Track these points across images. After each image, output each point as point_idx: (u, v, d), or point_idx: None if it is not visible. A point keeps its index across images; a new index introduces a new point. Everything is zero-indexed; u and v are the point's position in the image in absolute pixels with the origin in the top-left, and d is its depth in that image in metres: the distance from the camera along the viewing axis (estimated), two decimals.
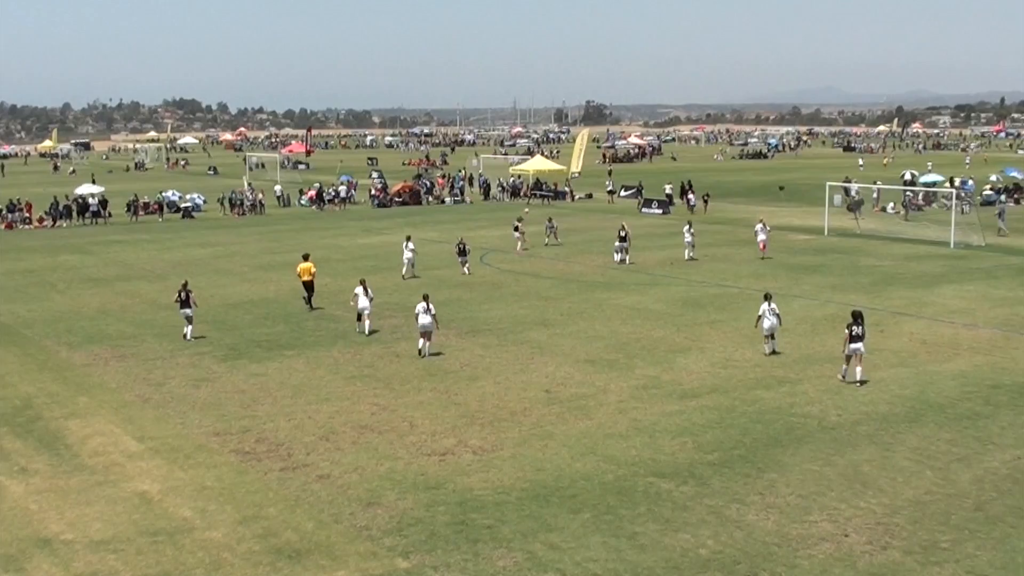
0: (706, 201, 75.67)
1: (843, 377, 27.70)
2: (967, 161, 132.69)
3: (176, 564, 17.02)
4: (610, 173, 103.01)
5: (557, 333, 34.05)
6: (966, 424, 24.00)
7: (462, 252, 47.81)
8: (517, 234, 55.62)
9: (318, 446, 22.91)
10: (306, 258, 39.54)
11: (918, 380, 27.79)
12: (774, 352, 30.80)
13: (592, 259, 51.36)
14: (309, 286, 38.87)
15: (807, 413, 24.90)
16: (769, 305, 30.63)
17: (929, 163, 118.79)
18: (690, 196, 76.58)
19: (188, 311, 34.07)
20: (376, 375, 29.00)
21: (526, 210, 60.98)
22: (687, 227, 52.32)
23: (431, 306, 31.02)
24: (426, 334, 31.12)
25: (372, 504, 19.44)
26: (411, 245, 46.45)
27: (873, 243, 56.61)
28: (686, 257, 50.81)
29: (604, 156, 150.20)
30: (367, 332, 34.13)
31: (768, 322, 30.56)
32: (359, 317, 34.63)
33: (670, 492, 19.91)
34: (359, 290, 34.45)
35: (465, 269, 46.97)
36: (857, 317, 27.58)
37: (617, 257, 49.90)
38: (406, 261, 46.26)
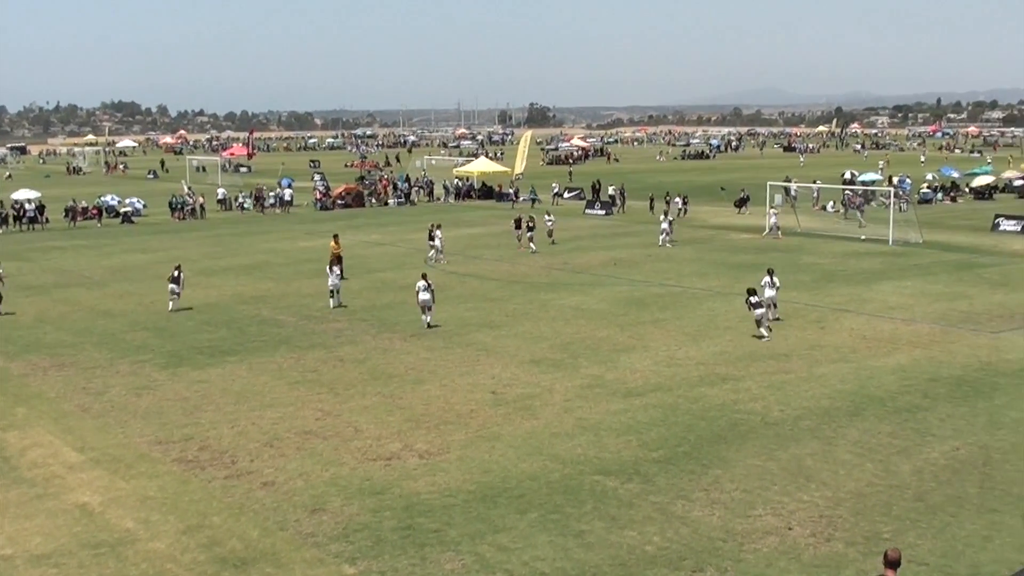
0: (686, 203, 73.92)
1: (763, 336, 32.59)
2: (922, 159, 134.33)
3: None
4: (570, 175, 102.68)
5: (502, 334, 34.07)
6: (906, 417, 24.34)
7: (519, 226, 54.72)
8: (518, 231, 55.92)
9: (262, 453, 22.73)
10: (335, 238, 46.15)
11: (858, 375, 28.13)
12: (776, 319, 34.70)
13: (536, 260, 51.41)
14: (338, 260, 43.55)
15: (750, 409, 25.11)
16: (771, 278, 34.68)
17: (882, 161, 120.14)
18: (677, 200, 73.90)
19: (176, 287, 39.18)
20: (320, 380, 28.84)
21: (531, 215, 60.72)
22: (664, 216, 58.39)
23: (430, 283, 35.17)
24: (427, 308, 34.97)
25: (318, 510, 19.33)
26: (438, 234, 51.12)
27: (813, 241, 57.17)
28: (664, 244, 55.81)
29: (568, 158, 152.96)
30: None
31: (769, 291, 34.37)
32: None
33: (616, 490, 20.00)
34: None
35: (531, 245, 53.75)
36: (751, 292, 33.01)
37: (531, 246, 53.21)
38: (433, 247, 51.00)
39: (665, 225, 56.44)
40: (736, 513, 18.72)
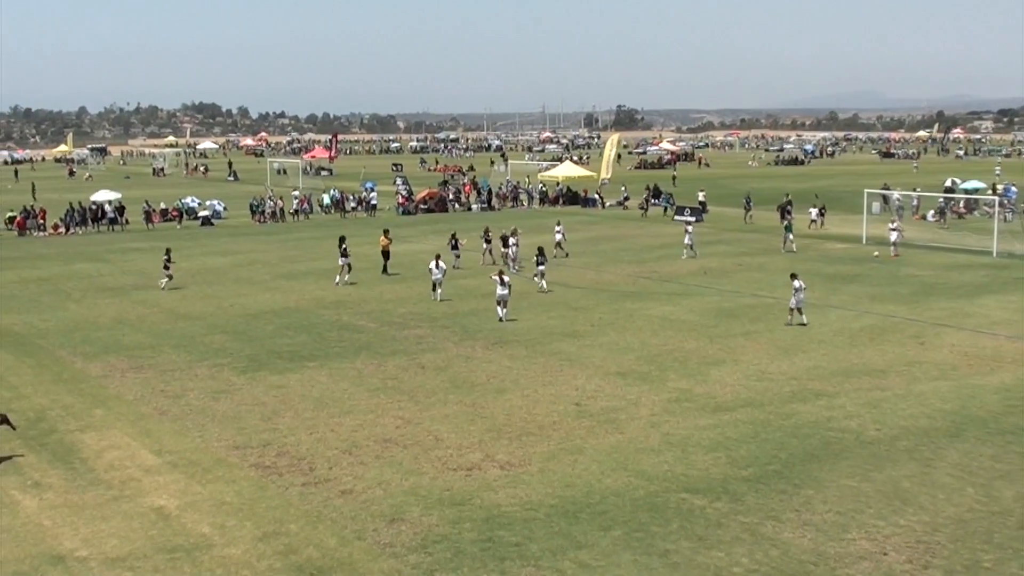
0: (823, 213, 69.75)
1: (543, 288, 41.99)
2: None
3: None
4: (674, 179, 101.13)
5: (587, 344, 33.51)
6: (1010, 439, 23.42)
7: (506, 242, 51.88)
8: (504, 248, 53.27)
9: (341, 460, 22.48)
10: (385, 233, 50.47)
11: (959, 393, 27.18)
12: (802, 324, 35.45)
13: (622, 268, 50.77)
14: (386, 254, 49.24)
15: (844, 427, 24.34)
16: (796, 282, 35.74)
17: (997, 168, 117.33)
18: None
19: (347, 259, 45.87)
20: (400, 387, 28.54)
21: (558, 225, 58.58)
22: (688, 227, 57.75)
23: (507, 279, 37.66)
24: (503, 303, 37.30)
25: (396, 520, 19.01)
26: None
27: (913, 252, 55.62)
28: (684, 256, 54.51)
29: (664, 163, 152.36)
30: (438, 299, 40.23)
31: (797, 295, 35.62)
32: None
33: (703, 509, 19.43)
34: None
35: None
36: (541, 252, 43.43)
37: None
38: (506, 254, 51.53)
39: (688, 237, 55.15)
40: (829, 536, 18.08)
